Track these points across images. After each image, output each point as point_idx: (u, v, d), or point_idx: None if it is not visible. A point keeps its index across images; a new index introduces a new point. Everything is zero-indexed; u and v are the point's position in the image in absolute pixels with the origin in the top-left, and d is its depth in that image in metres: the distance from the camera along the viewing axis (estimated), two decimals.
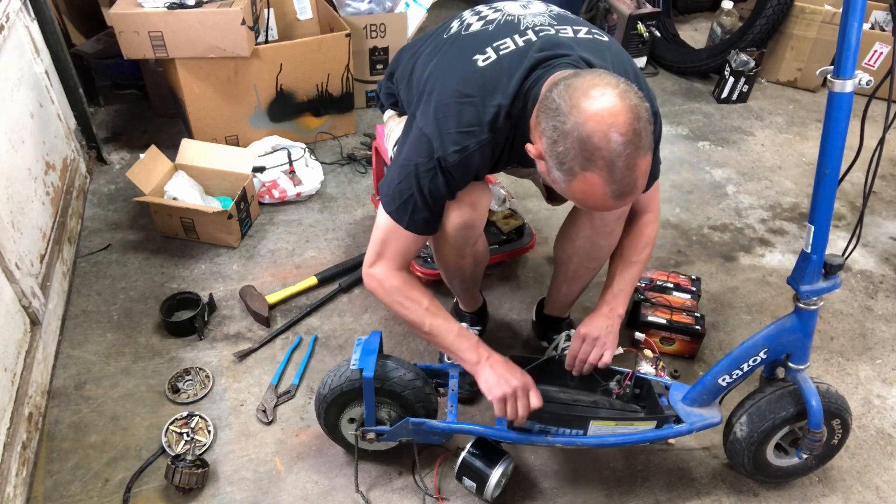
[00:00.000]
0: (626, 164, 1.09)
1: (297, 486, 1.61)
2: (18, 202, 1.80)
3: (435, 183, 1.33)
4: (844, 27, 1.11)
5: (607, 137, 1.08)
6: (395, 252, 1.43)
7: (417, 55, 1.51)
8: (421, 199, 1.35)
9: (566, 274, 1.75)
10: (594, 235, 1.57)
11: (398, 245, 1.43)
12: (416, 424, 1.49)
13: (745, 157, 2.90)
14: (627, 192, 1.13)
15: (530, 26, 1.35)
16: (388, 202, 1.39)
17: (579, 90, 1.11)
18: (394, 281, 1.43)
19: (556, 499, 1.61)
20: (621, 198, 1.14)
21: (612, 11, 3.41)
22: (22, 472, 1.53)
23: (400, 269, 1.45)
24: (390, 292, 1.44)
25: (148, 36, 2.32)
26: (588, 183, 1.12)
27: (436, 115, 1.31)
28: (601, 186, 1.12)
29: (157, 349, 1.92)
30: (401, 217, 1.38)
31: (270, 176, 2.44)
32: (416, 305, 1.43)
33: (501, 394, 1.39)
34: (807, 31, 3.25)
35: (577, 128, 1.09)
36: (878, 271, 2.32)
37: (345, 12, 2.81)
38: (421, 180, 1.33)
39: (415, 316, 1.44)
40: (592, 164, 1.10)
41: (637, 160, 1.10)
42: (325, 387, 1.51)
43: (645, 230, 1.56)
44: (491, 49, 1.32)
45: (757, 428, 1.49)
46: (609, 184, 1.11)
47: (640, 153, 1.10)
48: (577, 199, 1.19)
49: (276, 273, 2.19)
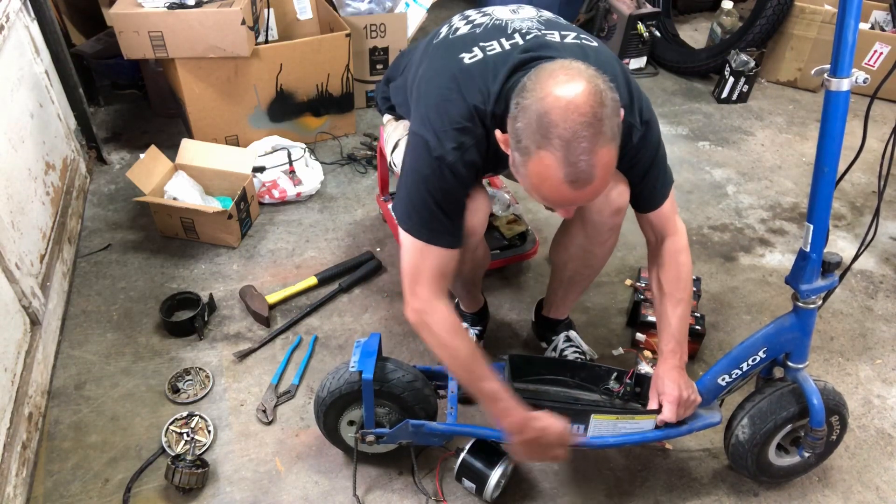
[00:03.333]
0: (583, 148, 1.05)
1: (297, 486, 1.61)
2: (18, 202, 1.80)
3: (444, 184, 1.27)
4: (841, 26, 1.11)
5: (565, 115, 1.04)
6: (432, 275, 1.33)
7: (410, 62, 1.50)
8: (436, 206, 1.29)
9: (562, 279, 1.75)
10: (588, 244, 1.56)
11: (431, 265, 1.33)
12: (416, 426, 1.49)
13: (745, 157, 2.90)
14: (584, 181, 1.08)
15: (518, 30, 1.33)
16: (405, 219, 1.32)
17: (547, 71, 1.10)
18: (438, 316, 1.32)
19: (555, 499, 1.61)
20: (577, 186, 1.09)
21: (612, 11, 3.41)
22: (22, 472, 1.53)
23: (441, 297, 1.34)
24: (435, 333, 1.33)
25: (148, 36, 2.32)
26: (542, 164, 1.08)
27: (427, 116, 1.28)
28: (555, 168, 1.07)
29: (157, 349, 1.92)
30: (421, 232, 1.31)
31: (270, 176, 2.44)
32: (459, 351, 1.34)
33: (525, 460, 1.45)
34: (807, 31, 3.25)
35: (537, 102, 1.07)
36: (878, 271, 2.32)
37: (345, 12, 2.81)
38: (429, 186, 1.28)
39: (456, 365, 1.36)
40: (548, 141, 1.06)
41: (596, 146, 1.06)
42: (323, 389, 1.50)
43: (679, 259, 1.47)
44: (478, 48, 1.31)
45: (759, 429, 1.49)
46: (564, 165, 1.07)
47: (600, 140, 1.06)
48: (533, 184, 1.14)
49: (276, 273, 2.19)
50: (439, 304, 1.34)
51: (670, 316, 1.46)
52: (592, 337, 1.99)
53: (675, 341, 1.46)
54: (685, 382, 1.44)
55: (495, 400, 1.36)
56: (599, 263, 1.65)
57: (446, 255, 1.34)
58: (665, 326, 1.47)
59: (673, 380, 1.43)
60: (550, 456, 1.41)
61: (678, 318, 1.46)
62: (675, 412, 1.42)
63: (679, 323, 1.46)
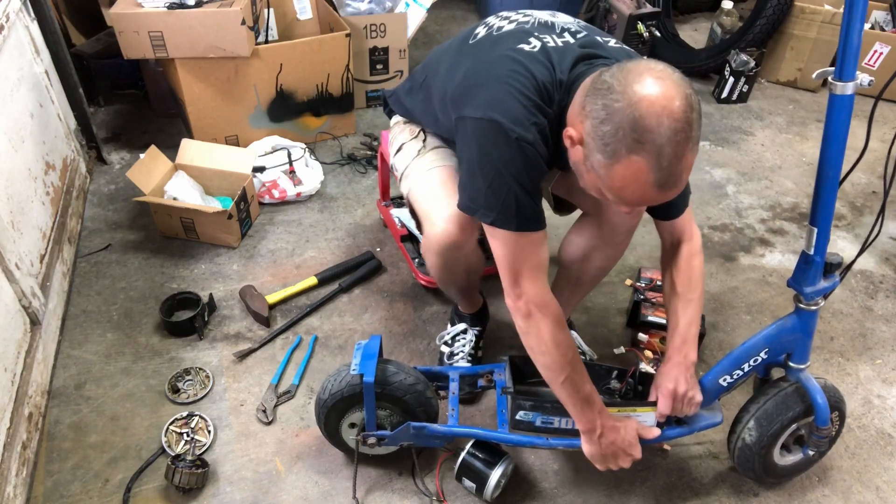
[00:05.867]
0: (675, 151, 1.05)
1: (297, 487, 1.61)
2: (18, 202, 1.80)
3: (527, 165, 1.22)
4: (846, 29, 1.10)
5: (660, 121, 1.03)
6: (533, 265, 1.29)
7: (437, 70, 1.45)
8: (522, 191, 1.23)
9: (569, 280, 1.74)
10: (602, 246, 1.56)
11: (530, 254, 1.28)
12: (418, 429, 1.49)
13: (745, 157, 2.90)
14: (672, 184, 1.08)
15: (566, 29, 1.32)
16: (487, 212, 1.26)
17: (634, 72, 1.07)
18: (552, 309, 1.31)
19: (556, 499, 1.61)
20: (664, 188, 1.09)
21: (612, 11, 3.41)
22: (22, 472, 1.53)
23: (549, 288, 1.32)
24: (548, 327, 1.30)
25: (148, 36, 2.32)
26: (632, 168, 1.07)
27: (495, 98, 1.22)
28: (646, 172, 1.06)
29: (157, 349, 1.92)
30: (509, 221, 1.25)
31: (270, 176, 2.44)
32: (569, 348, 1.33)
33: (605, 467, 1.44)
34: (807, 31, 3.25)
35: (631, 107, 1.04)
36: (878, 271, 2.32)
37: (345, 12, 2.81)
38: (512, 170, 1.22)
39: (564, 362, 1.33)
40: (641, 146, 1.05)
41: (686, 150, 1.06)
42: (325, 392, 1.50)
43: (693, 262, 1.48)
44: (535, 39, 1.27)
45: (766, 431, 1.48)
46: (655, 170, 1.06)
47: (689, 144, 1.06)
48: (616, 186, 1.11)
49: (276, 273, 2.19)
50: (549, 295, 1.31)
51: (680, 315, 1.45)
52: (592, 337, 1.99)
53: (681, 339, 1.44)
54: (686, 379, 1.43)
55: (592, 403, 1.36)
56: (610, 265, 1.65)
57: (540, 239, 1.29)
58: (674, 325, 1.46)
59: (672, 376, 1.43)
60: (628, 457, 1.43)
61: (688, 318, 1.45)
62: (669, 405, 1.42)
63: (688, 322, 1.45)
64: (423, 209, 1.53)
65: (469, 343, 1.85)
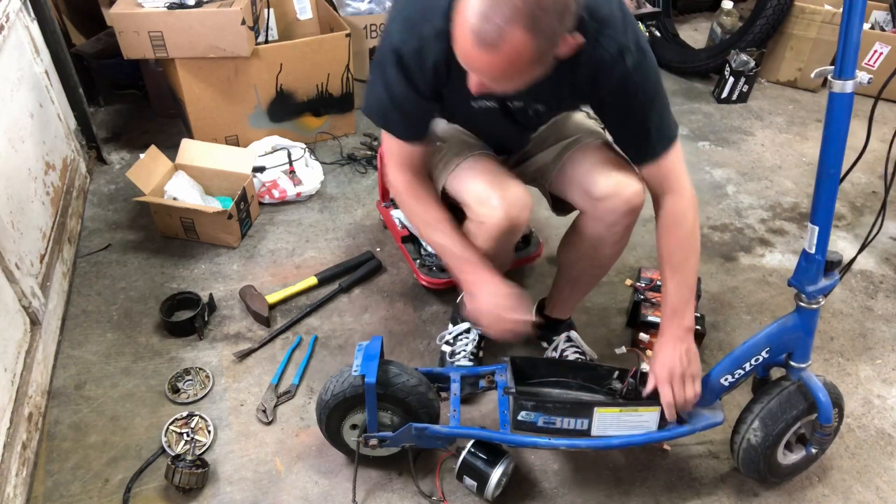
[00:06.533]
0: (501, 12, 1.02)
1: (297, 487, 1.61)
2: (18, 202, 1.80)
3: (394, 76, 1.28)
4: (845, 28, 1.10)
5: None
6: (399, 159, 1.43)
7: None
8: (388, 96, 1.32)
9: (569, 278, 1.74)
10: (599, 243, 1.55)
11: (395, 152, 1.42)
12: (419, 430, 1.49)
13: (745, 157, 2.90)
14: (489, 40, 1.05)
15: None
16: (367, 105, 1.40)
17: None
18: (399, 187, 1.43)
19: (556, 499, 1.61)
20: (480, 45, 1.06)
21: None
22: (22, 472, 1.53)
23: (405, 170, 1.43)
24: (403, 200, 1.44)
25: (148, 36, 2.32)
26: (462, 11, 1.07)
27: (395, 8, 1.30)
28: (467, 15, 1.06)
29: (157, 349, 1.92)
30: (380, 119, 1.39)
31: (270, 176, 2.44)
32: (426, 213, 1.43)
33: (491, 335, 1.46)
34: (807, 31, 3.26)
35: None
36: (878, 271, 2.32)
37: (345, 12, 2.81)
38: (385, 74, 1.29)
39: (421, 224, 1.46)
40: None
41: (515, 19, 1.03)
42: (327, 393, 1.50)
43: (679, 219, 1.37)
44: None
45: (771, 431, 1.48)
46: (475, 16, 1.04)
47: (521, 18, 1.03)
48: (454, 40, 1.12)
49: (276, 273, 2.18)
50: (401, 175, 1.43)
51: (668, 284, 1.40)
52: (592, 337, 1.99)
53: (671, 309, 1.39)
54: (681, 356, 1.37)
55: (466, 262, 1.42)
56: (608, 263, 1.65)
57: (407, 147, 1.41)
58: (664, 296, 1.40)
59: (666, 356, 1.38)
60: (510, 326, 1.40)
61: (675, 286, 1.38)
62: (669, 392, 1.39)
63: (676, 290, 1.38)
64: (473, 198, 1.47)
65: (472, 342, 1.85)
